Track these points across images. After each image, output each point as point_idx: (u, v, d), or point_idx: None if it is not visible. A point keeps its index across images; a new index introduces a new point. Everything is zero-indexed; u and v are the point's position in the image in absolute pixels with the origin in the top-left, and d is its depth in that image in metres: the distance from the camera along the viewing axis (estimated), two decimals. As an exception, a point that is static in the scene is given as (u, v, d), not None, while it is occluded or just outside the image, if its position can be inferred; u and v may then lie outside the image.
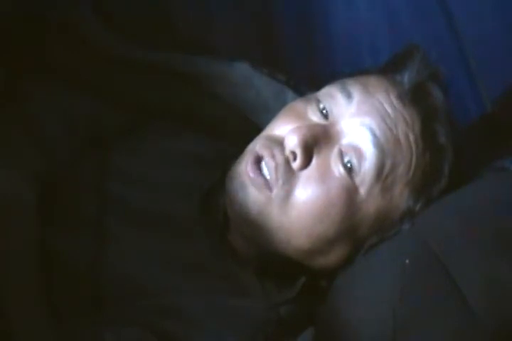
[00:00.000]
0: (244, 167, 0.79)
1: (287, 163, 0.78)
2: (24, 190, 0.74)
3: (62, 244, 0.75)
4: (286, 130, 0.80)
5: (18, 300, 0.67)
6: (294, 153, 0.78)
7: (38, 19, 0.85)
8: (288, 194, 0.78)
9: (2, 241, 0.69)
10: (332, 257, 0.81)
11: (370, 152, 0.77)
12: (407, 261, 0.75)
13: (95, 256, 0.75)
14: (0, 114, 0.78)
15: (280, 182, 0.78)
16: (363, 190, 0.78)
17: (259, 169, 0.78)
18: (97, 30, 0.89)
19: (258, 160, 0.79)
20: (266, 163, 0.79)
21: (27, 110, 0.81)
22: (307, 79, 0.97)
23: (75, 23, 0.87)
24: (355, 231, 0.79)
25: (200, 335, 0.72)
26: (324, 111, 0.81)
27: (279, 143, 0.79)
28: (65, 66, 0.86)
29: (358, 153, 0.77)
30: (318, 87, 0.85)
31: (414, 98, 0.80)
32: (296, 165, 0.78)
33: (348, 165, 0.77)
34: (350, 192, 0.77)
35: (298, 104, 0.83)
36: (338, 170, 0.78)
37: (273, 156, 0.78)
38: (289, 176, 0.78)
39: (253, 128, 0.88)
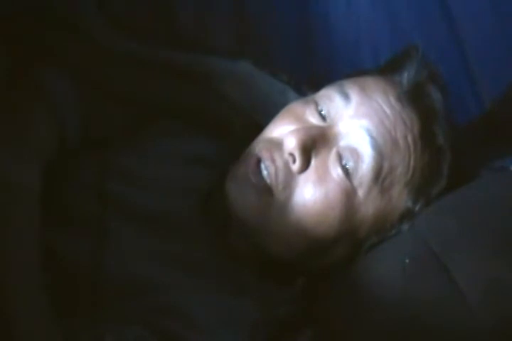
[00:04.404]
0: (245, 170, 0.79)
1: (287, 166, 0.78)
2: (27, 189, 0.74)
3: (62, 243, 0.75)
4: (285, 132, 0.80)
5: (19, 300, 0.67)
6: (292, 155, 0.78)
7: (39, 18, 0.85)
8: (288, 197, 0.78)
9: (2, 240, 0.69)
10: (332, 258, 0.81)
11: (367, 154, 0.77)
12: (407, 261, 0.75)
13: (95, 255, 0.75)
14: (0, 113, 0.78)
15: (280, 186, 0.78)
16: (361, 192, 0.78)
17: (260, 172, 0.79)
18: (98, 28, 0.89)
19: (258, 163, 0.79)
20: (266, 167, 0.79)
21: (27, 110, 0.81)
22: (307, 79, 0.97)
23: (76, 21, 0.88)
24: (354, 232, 0.79)
25: (200, 335, 0.72)
26: (322, 113, 0.81)
27: (279, 145, 0.79)
28: (65, 65, 0.86)
29: (356, 155, 0.78)
30: (318, 87, 0.85)
31: (413, 99, 0.80)
32: (295, 167, 0.78)
33: (347, 167, 0.77)
34: (349, 194, 0.77)
35: (296, 106, 0.83)
36: (336, 172, 0.78)
37: (273, 160, 0.78)
38: (289, 180, 0.78)
39: (255, 127, 0.88)
